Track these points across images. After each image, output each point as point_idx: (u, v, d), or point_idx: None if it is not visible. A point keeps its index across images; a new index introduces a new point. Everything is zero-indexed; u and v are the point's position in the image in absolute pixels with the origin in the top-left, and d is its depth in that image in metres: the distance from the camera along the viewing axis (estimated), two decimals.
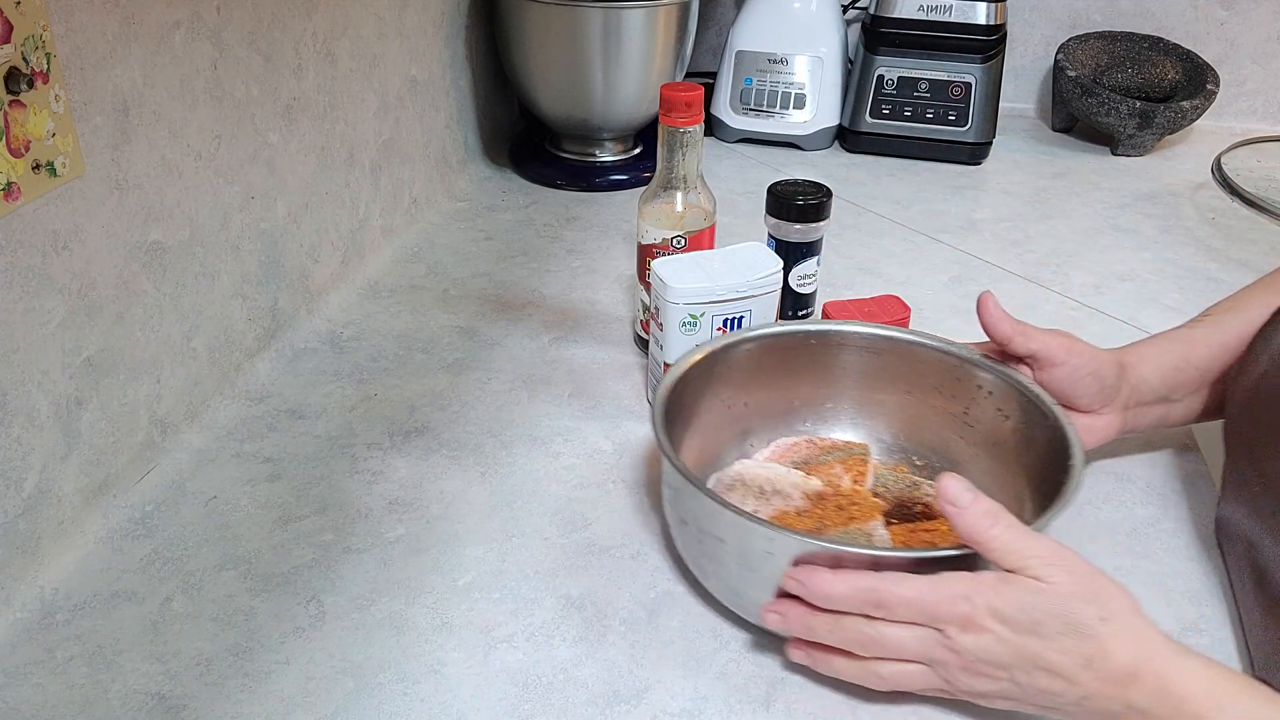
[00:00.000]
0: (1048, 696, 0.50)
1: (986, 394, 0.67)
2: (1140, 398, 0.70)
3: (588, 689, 0.57)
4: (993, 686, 0.51)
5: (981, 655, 0.50)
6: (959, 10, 1.27)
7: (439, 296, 0.97)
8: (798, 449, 0.71)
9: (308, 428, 0.78)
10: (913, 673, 0.53)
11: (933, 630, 0.51)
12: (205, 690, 0.57)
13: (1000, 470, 0.67)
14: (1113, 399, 0.68)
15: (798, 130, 1.33)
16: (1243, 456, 0.63)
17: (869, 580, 0.52)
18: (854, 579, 0.52)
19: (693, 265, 0.75)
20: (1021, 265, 1.05)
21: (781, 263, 0.77)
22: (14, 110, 0.57)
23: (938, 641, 0.51)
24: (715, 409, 0.70)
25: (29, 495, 0.62)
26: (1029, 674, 0.50)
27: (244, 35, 0.78)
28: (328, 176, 0.93)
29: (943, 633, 0.51)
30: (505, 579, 0.65)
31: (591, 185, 1.22)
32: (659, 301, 0.75)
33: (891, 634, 0.52)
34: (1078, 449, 0.59)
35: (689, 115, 0.78)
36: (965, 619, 0.50)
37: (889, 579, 0.52)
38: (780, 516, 0.64)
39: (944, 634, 0.51)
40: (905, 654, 0.52)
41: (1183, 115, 1.27)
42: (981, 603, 0.50)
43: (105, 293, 0.67)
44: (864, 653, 0.54)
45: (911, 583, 0.51)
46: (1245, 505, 0.62)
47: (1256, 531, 0.60)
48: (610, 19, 1.11)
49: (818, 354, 0.72)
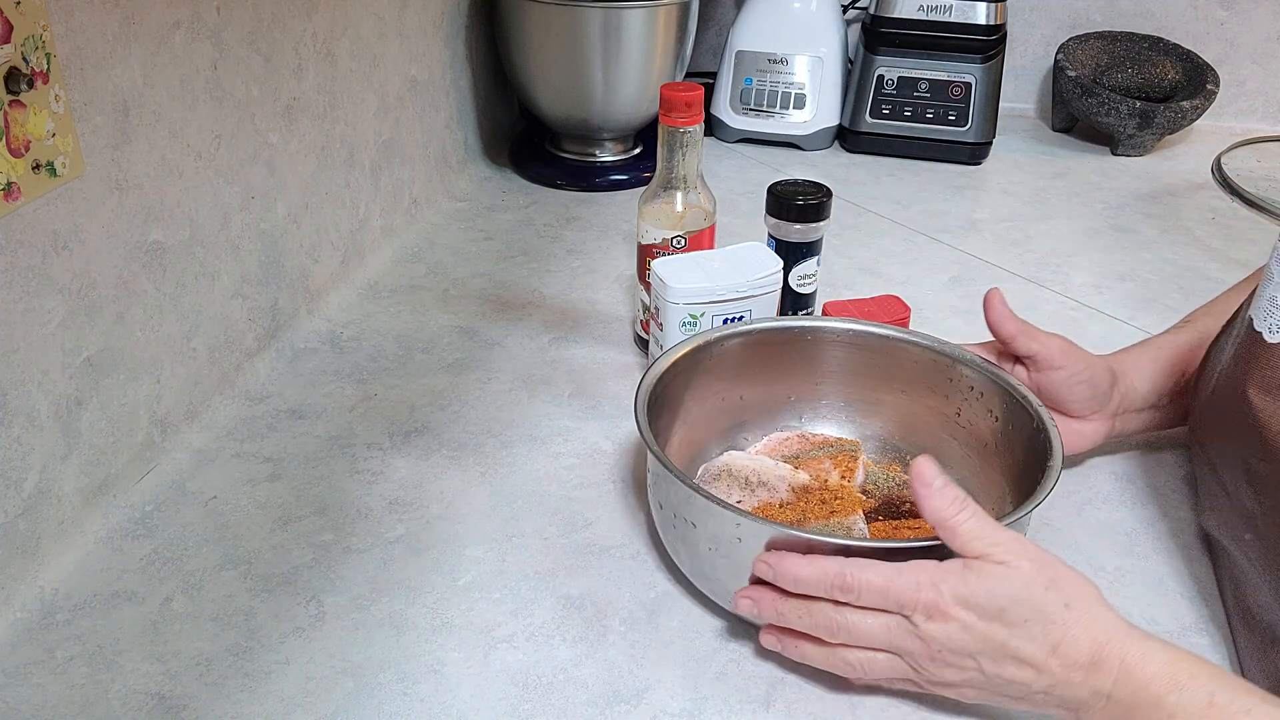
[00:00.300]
0: (1015, 686, 0.51)
1: (978, 395, 0.68)
2: (1129, 405, 0.71)
3: (588, 689, 0.57)
4: (960, 676, 0.52)
5: (948, 644, 0.51)
6: (959, 10, 1.27)
7: (439, 296, 0.97)
8: (789, 443, 0.72)
9: (308, 428, 0.78)
10: (880, 661, 0.53)
11: (900, 618, 0.52)
12: (205, 690, 0.57)
13: (988, 470, 0.67)
14: (1103, 406, 0.69)
15: (798, 130, 1.33)
16: (1205, 468, 0.63)
17: (836, 565, 0.52)
18: (822, 563, 0.53)
19: (693, 265, 0.76)
20: (1021, 265, 1.05)
21: (781, 262, 0.77)
22: (14, 110, 0.57)
23: (905, 630, 0.52)
24: (709, 401, 0.71)
25: (29, 495, 0.62)
26: (996, 662, 0.50)
27: (244, 35, 0.78)
28: (328, 176, 0.93)
29: (910, 620, 0.51)
30: (505, 579, 0.65)
31: (591, 185, 1.22)
32: (659, 301, 0.75)
33: (859, 620, 0.53)
34: (1058, 451, 0.60)
35: (689, 115, 0.78)
36: (931, 606, 0.51)
37: (856, 564, 0.52)
38: (764, 508, 0.64)
39: (911, 621, 0.51)
40: (873, 641, 0.53)
41: (1183, 115, 1.27)
42: (947, 589, 0.50)
43: (105, 293, 0.67)
44: (832, 639, 0.54)
45: (878, 568, 0.52)
46: (1216, 516, 0.62)
47: (1228, 541, 0.60)
48: (610, 19, 1.11)
49: (813, 350, 0.72)
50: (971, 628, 0.50)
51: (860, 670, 0.54)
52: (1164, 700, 0.47)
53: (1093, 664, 0.49)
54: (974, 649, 0.51)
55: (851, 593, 0.52)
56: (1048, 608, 0.50)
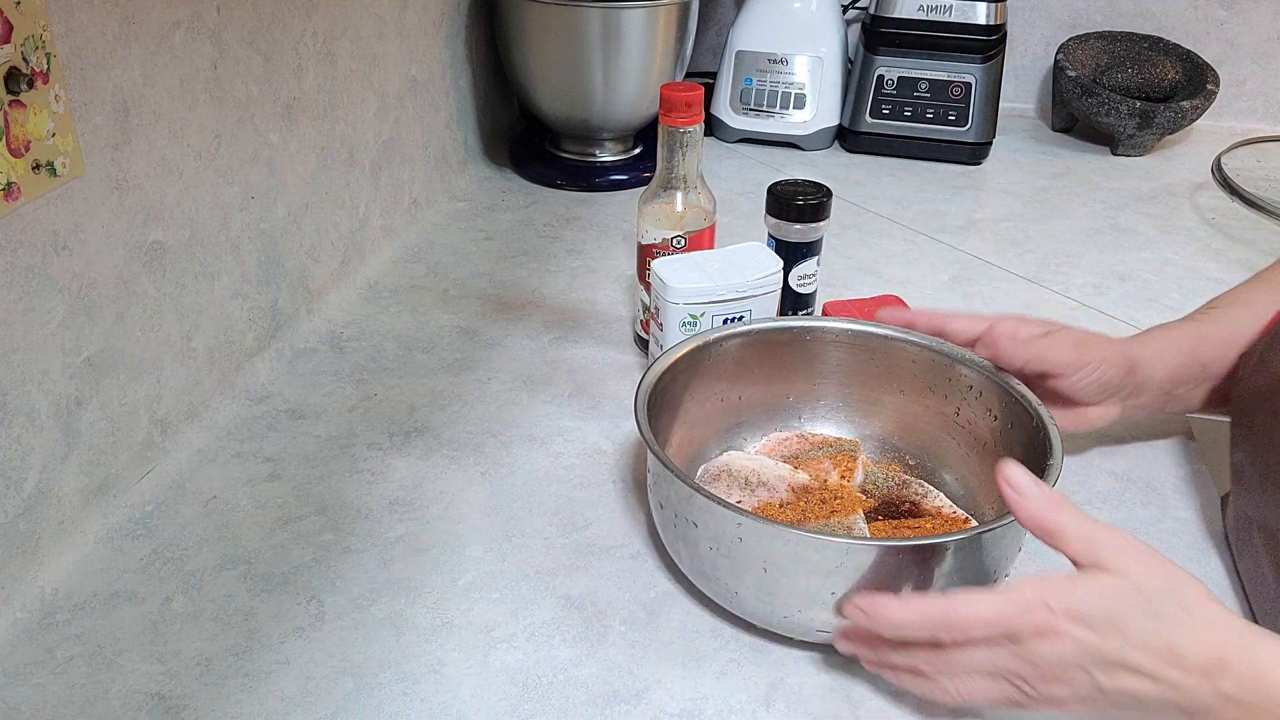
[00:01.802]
0: (1132, 697, 0.48)
1: (977, 395, 0.68)
2: (1143, 391, 0.69)
3: (588, 689, 0.57)
4: (1072, 691, 0.49)
5: (1059, 661, 0.48)
6: (959, 10, 1.27)
7: (439, 296, 0.97)
8: (789, 443, 0.72)
9: (308, 428, 0.78)
10: (982, 686, 0.51)
11: (1005, 642, 0.49)
12: (205, 690, 0.57)
13: (987, 470, 0.67)
14: (1116, 394, 0.68)
15: (798, 130, 1.33)
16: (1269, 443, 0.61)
17: (937, 605, 0.49)
18: (920, 605, 0.50)
19: (693, 265, 0.76)
20: (1021, 265, 1.05)
21: (781, 263, 0.77)
22: (14, 110, 0.57)
23: (1011, 654, 0.49)
24: (709, 401, 0.71)
25: (29, 495, 0.62)
26: (1111, 674, 0.47)
27: (244, 35, 0.78)
28: (328, 176, 0.93)
29: (1016, 644, 0.48)
30: (505, 579, 0.65)
31: (591, 185, 1.22)
32: (659, 301, 0.75)
33: (962, 653, 0.50)
34: (1058, 450, 0.59)
35: (689, 115, 0.78)
36: (1043, 626, 0.48)
37: (958, 600, 0.49)
38: (764, 508, 0.64)
39: (1018, 645, 0.48)
40: (976, 670, 0.50)
41: (1183, 115, 1.27)
42: (1059, 606, 0.47)
43: (105, 293, 0.67)
44: (935, 674, 0.52)
45: (982, 598, 0.49)
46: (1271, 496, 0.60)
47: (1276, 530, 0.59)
48: (610, 19, 1.11)
49: (813, 350, 0.72)
50: (1084, 642, 0.47)
51: (960, 698, 0.51)
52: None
53: (1217, 667, 0.46)
54: (1088, 663, 0.48)
55: (958, 630, 0.49)
56: (1164, 612, 0.47)
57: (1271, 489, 0.61)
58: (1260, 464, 0.62)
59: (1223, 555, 0.67)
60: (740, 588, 0.58)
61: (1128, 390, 0.68)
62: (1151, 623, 0.47)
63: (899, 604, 0.50)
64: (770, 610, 0.58)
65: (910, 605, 0.50)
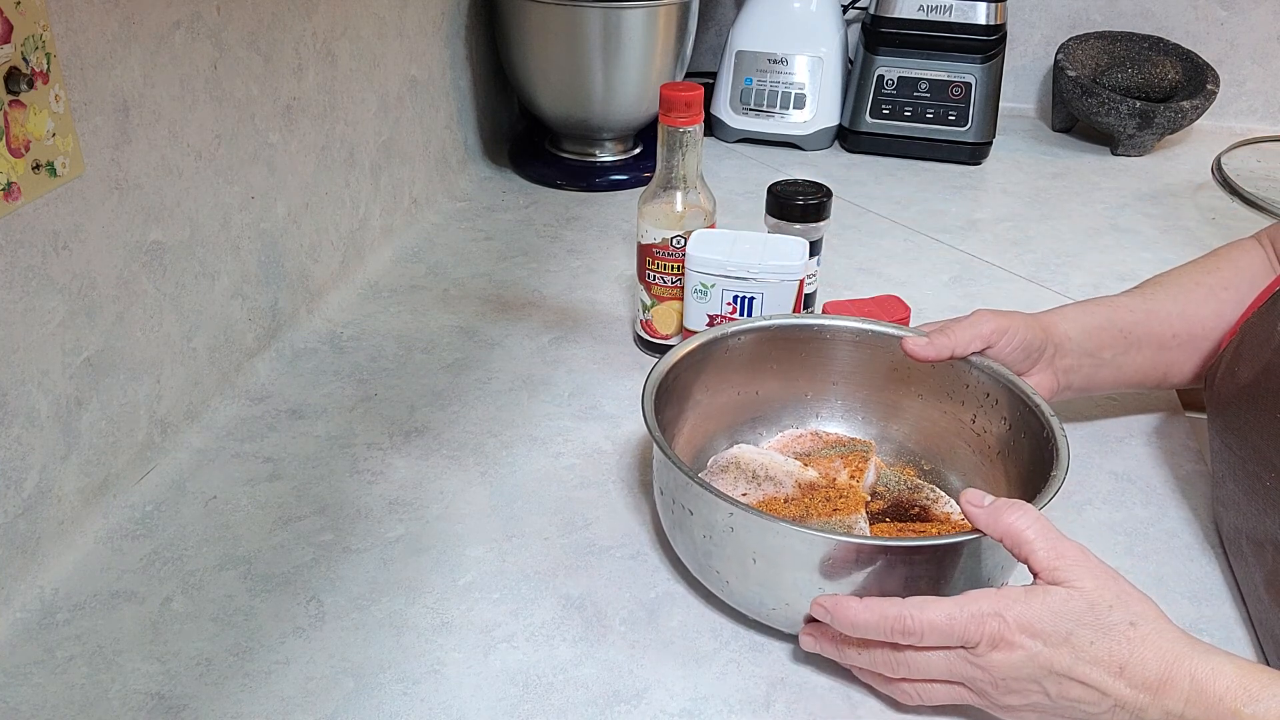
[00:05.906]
0: (1080, 707, 0.50)
1: (993, 402, 0.68)
2: (1065, 353, 0.71)
3: (588, 689, 0.57)
4: (1024, 700, 0.51)
5: (1012, 672, 0.50)
6: (959, 10, 1.27)
7: (439, 296, 0.97)
8: (802, 440, 0.72)
9: (308, 428, 0.78)
10: (940, 690, 0.53)
11: (960, 649, 0.51)
12: (205, 690, 0.57)
13: (995, 475, 0.67)
14: (1040, 358, 0.70)
15: (798, 130, 1.33)
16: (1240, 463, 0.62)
17: (895, 608, 0.51)
18: (880, 607, 0.52)
19: (722, 240, 0.78)
20: (1021, 265, 1.05)
21: (804, 262, 0.77)
22: (14, 110, 0.57)
23: (966, 660, 0.51)
24: (724, 393, 0.72)
25: (29, 495, 0.62)
26: (1060, 685, 0.50)
27: (244, 35, 0.78)
28: (328, 176, 0.93)
29: (971, 650, 0.50)
30: (505, 579, 0.65)
31: (591, 185, 1.22)
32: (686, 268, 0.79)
33: (918, 658, 0.52)
34: (1064, 461, 0.59)
35: (689, 115, 0.78)
36: (995, 637, 0.50)
37: (915, 605, 0.51)
38: (768, 502, 0.64)
39: (972, 651, 0.50)
40: (933, 674, 0.52)
41: (1183, 115, 1.27)
42: (1012, 617, 0.50)
43: (105, 293, 0.67)
44: (893, 675, 0.54)
45: (938, 605, 0.51)
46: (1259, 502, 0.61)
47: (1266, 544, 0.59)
48: (610, 19, 1.11)
49: (830, 349, 0.73)
50: (1035, 654, 0.49)
51: (918, 699, 0.54)
52: (1240, 713, 0.46)
53: (1162, 684, 0.48)
54: (1039, 674, 0.50)
55: (914, 635, 0.51)
56: (1113, 628, 0.49)
57: (1253, 499, 0.61)
58: (1239, 475, 0.63)
59: (1221, 556, 0.67)
60: (731, 577, 0.58)
61: (1050, 352, 0.70)
62: (1101, 638, 0.49)
63: (860, 605, 0.52)
64: (760, 601, 0.58)
65: (870, 607, 0.52)
